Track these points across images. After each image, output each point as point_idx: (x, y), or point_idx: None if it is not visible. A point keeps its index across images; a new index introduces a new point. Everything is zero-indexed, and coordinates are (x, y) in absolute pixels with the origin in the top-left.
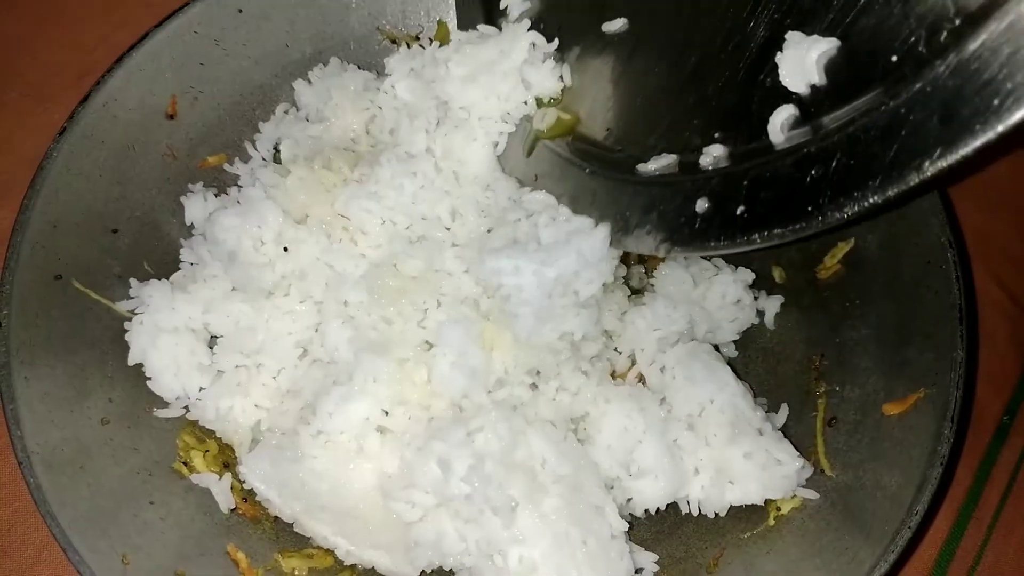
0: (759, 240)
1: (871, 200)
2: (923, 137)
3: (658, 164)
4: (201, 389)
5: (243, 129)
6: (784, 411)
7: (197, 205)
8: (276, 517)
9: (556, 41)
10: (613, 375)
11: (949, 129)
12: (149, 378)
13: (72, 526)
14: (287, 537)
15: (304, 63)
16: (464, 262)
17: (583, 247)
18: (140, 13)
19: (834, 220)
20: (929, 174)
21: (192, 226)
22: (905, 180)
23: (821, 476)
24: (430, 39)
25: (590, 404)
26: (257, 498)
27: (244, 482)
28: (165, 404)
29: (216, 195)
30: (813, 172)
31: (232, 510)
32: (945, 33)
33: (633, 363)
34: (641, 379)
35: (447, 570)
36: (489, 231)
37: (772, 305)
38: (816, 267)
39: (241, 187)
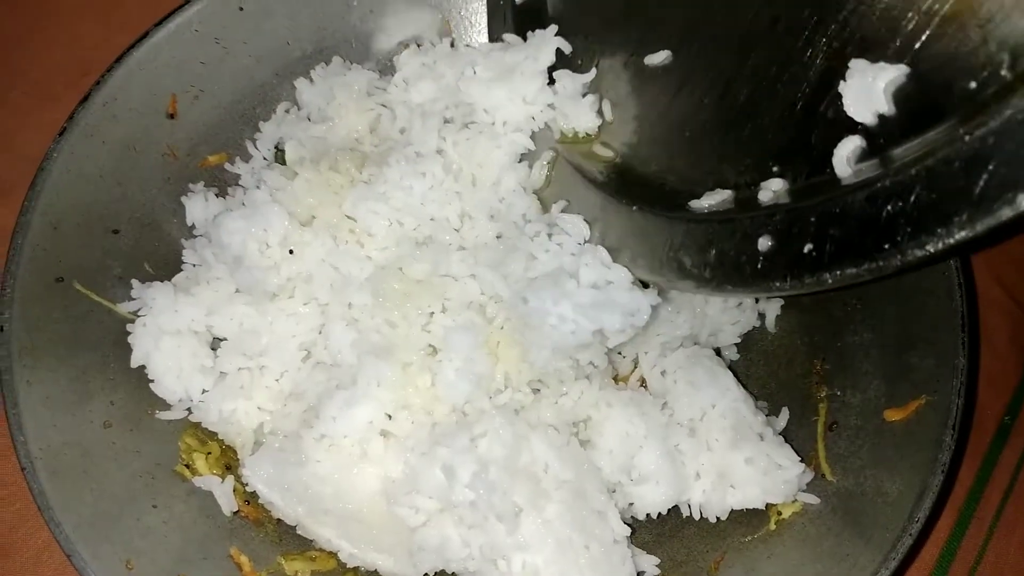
0: (830, 280)
1: (957, 236)
2: (1016, 168)
3: (712, 200)
4: (204, 391)
5: (244, 128)
6: (785, 415)
7: (198, 205)
8: (279, 520)
9: (593, 71)
10: (616, 379)
11: None
12: (152, 380)
13: (76, 531)
14: (290, 540)
15: (305, 61)
16: (470, 266)
17: (627, 304)
18: (142, 12)
19: (914, 258)
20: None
21: (193, 226)
22: (996, 215)
23: (822, 481)
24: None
25: (592, 408)
26: (260, 501)
27: (247, 485)
28: (167, 406)
29: (217, 195)
30: (889, 208)
31: (235, 513)
32: None
33: (635, 367)
34: (643, 383)
35: (450, 574)
36: (499, 237)
37: (773, 308)
38: None
39: (243, 187)
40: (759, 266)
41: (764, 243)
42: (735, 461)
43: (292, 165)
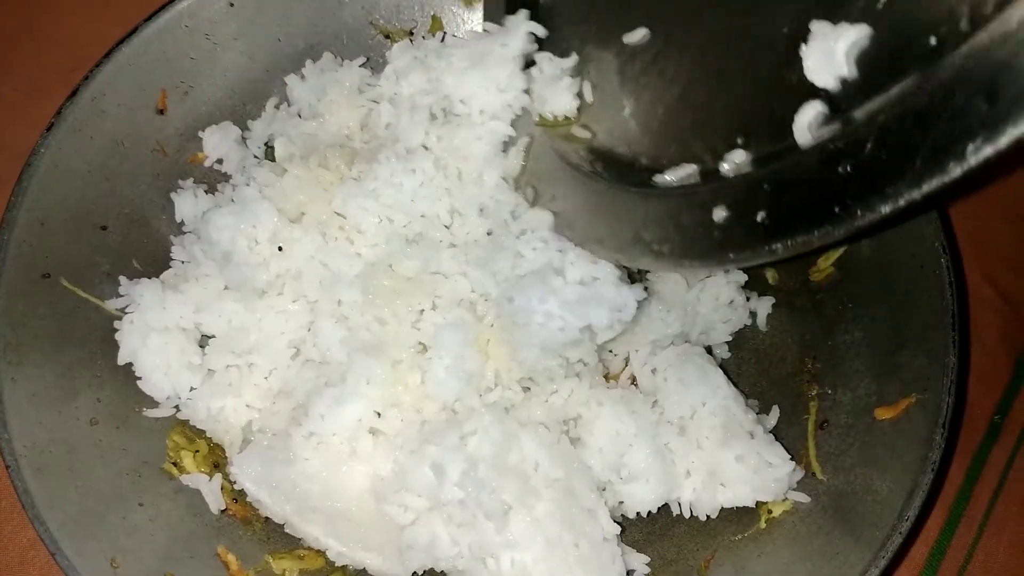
0: (781, 249)
1: (906, 196)
2: (966, 119)
3: (677, 174)
4: (192, 389)
5: (234, 124)
6: (775, 413)
7: (187, 202)
8: (267, 518)
9: (574, 57)
10: (606, 377)
11: (996, 108)
12: (139, 378)
13: (61, 530)
14: (278, 538)
15: (296, 58)
16: (460, 264)
17: (614, 299)
18: (134, 7)
19: (865, 221)
20: (972, 163)
21: (182, 223)
22: (946, 171)
23: (812, 480)
24: (424, 36)
25: (582, 406)
26: (248, 499)
27: (235, 483)
28: (155, 404)
29: (207, 192)
30: (840, 169)
31: (222, 511)
32: (991, 5)
33: (626, 365)
34: (633, 381)
35: (439, 572)
36: (489, 233)
37: (764, 306)
38: (809, 269)
39: (233, 184)
40: (714, 238)
41: (719, 214)
42: (725, 459)
43: (282, 162)
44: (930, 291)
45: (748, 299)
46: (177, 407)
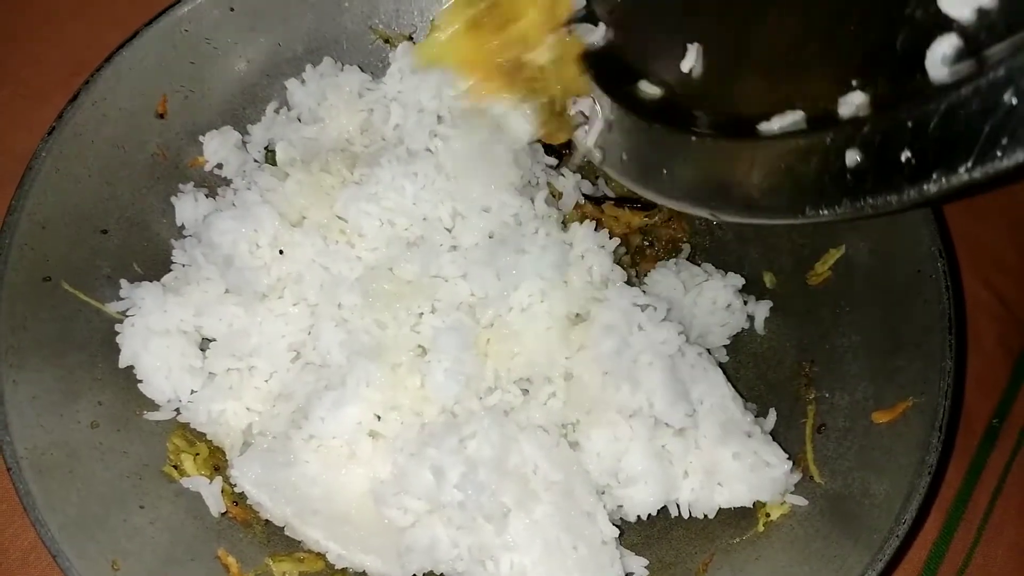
0: (934, 189)
1: None
2: None
3: (783, 122)
4: (192, 392)
5: (234, 128)
6: (772, 416)
7: (188, 205)
8: (267, 521)
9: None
10: None
11: None
12: (140, 381)
13: (62, 532)
14: (278, 541)
15: (296, 62)
16: (460, 267)
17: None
18: (134, 12)
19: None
20: None
21: (183, 226)
22: None
23: (810, 483)
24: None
25: (580, 411)
26: (248, 502)
27: (235, 485)
28: (155, 407)
29: (207, 195)
30: (993, 105)
31: (223, 514)
32: None
33: None
34: None
35: (438, 575)
36: (491, 236)
37: (762, 310)
38: (807, 274)
39: (235, 189)
40: (846, 182)
41: (852, 157)
42: (723, 458)
43: (283, 166)
44: (927, 295)
45: (746, 303)
46: (178, 410)
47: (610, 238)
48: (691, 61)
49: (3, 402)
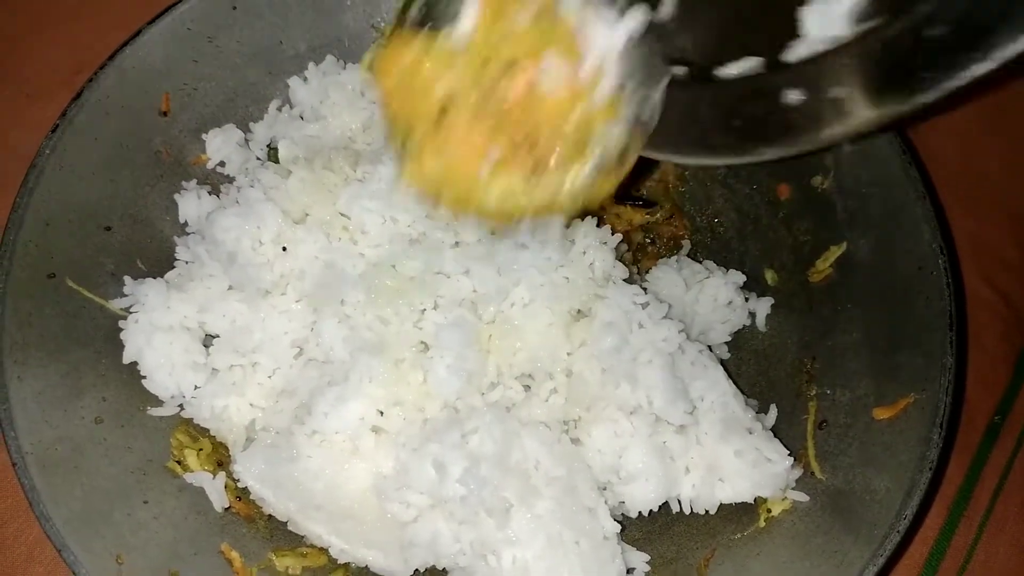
0: (876, 117)
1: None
2: None
3: (740, 67)
4: (196, 388)
5: (236, 126)
6: (773, 412)
7: (191, 203)
8: (270, 516)
9: None
10: None
11: None
12: (144, 377)
13: (67, 526)
14: (281, 536)
15: (298, 60)
16: (462, 263)
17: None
18: (135, 11)
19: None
20: None
21: (186, 224)
22: None
23: (811, 479)
24: None
25: (581, 407)
26: (251, 497)
27: (238, 481)
28: (159, 403)
29: (210, 193)
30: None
31: (226, 509)
32: None
33: None
34: None
35: (440, 569)
36: (492, 232)
37: (763, 307)
38: (808, 271)
39: (238, 186)
40: (794, 121)
41: (794, 96)
42: (724, 454)
43: (286, 164)
44: (928, 292)
45: (747, 300)
46: (181, 406)
47: (612, 235)
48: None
49: (8, 399)
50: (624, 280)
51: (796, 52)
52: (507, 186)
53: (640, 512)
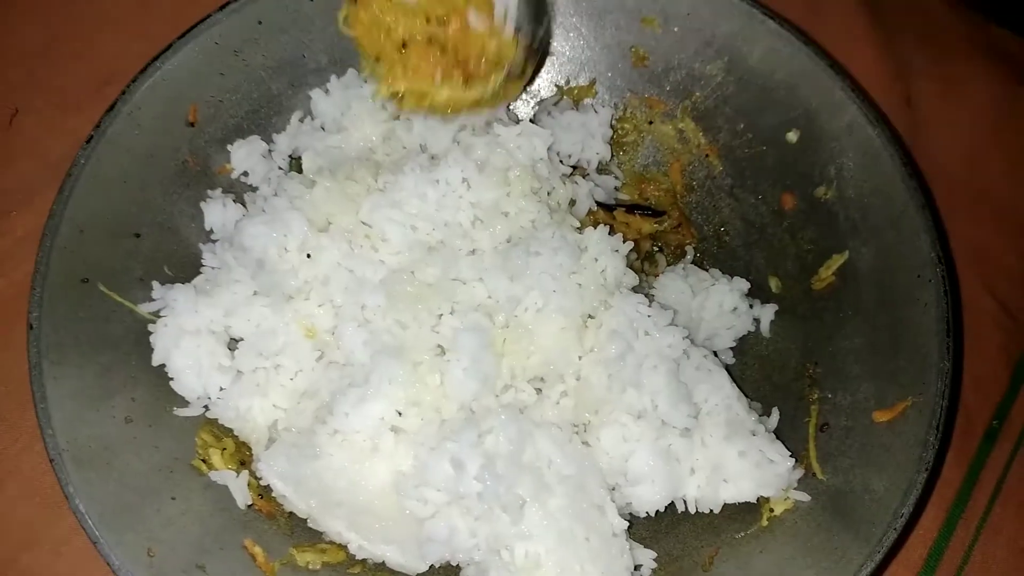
0: None
1: None
2: None
3: None
4: (221, 389)
5: (260, 137)
6: (776, 415)
7: (216, 211)
8: (290, 513)
9: None
10: None
11: None
12: (172, 378)
13: (101, 521)
14: (301, 532)
15: (320, 73)
16: (478, 270)
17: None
18: (159, 23)
19: None
20: None
21: (211, 231)
22: None
23: (813, 479)
24: None
25: (589, 411)
26: (273, 494)
27: (260, 479)
28: (185, 403)
29: (235, 201)
30: None
31: (249, 506)
32: None
33: None
34: None
35: (454, 565)
36: (508, 240)
37: (767, 314)
38: (811, 278)
39: (264, 196)
40: None
41: None
42: (729, 455)
43: (310, 174)
44: (926, 299)
45: (751, 306)
46: (206, 407)
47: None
48: None
49: (46, 398)
50: (633, 288)
51: None
52: (450, 91)
53: (648, 512)
